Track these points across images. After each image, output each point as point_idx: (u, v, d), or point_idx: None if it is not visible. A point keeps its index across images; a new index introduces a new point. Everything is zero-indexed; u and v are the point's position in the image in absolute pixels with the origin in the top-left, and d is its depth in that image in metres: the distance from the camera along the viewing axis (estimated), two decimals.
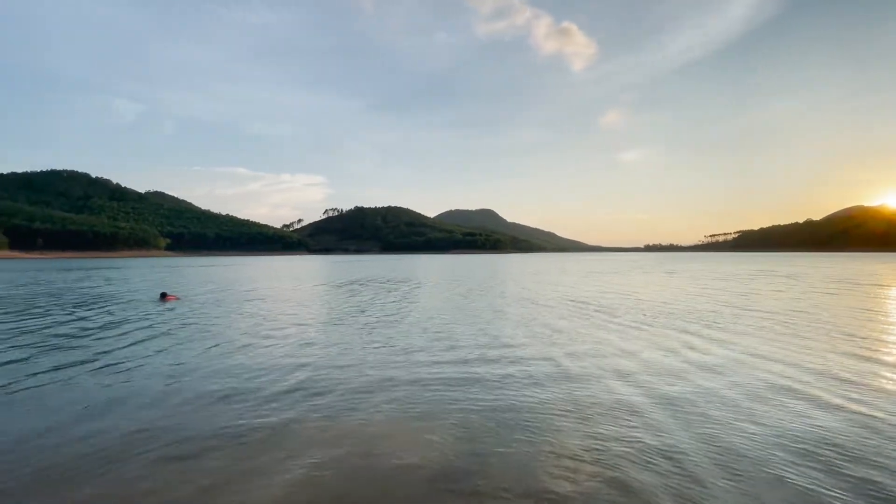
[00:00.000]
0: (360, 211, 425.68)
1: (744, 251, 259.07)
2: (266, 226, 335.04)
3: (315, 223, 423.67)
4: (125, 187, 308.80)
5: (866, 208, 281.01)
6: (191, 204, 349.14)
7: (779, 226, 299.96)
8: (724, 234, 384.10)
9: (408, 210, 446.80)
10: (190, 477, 4.00)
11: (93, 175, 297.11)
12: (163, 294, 19.24)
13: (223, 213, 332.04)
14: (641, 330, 10.98)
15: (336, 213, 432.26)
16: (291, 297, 19.70)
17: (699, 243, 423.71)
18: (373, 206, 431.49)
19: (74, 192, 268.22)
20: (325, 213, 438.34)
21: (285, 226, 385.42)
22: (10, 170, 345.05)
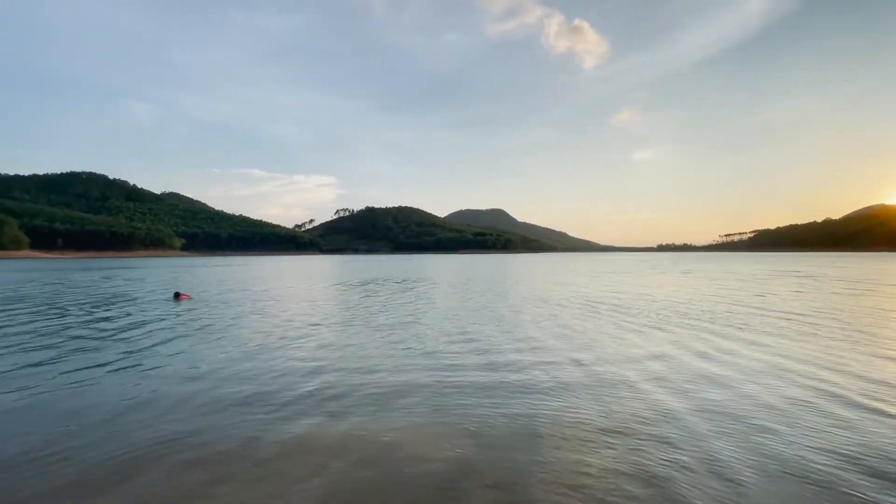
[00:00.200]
0: (370, 211, 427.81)
1: (760, 251, 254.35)
2: (278, 226, 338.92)
3: (326, 223, 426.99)
4: (141, 188, 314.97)
5: (888, 206, 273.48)
6: (205, 205, 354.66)
7: (796, 225, 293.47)
8: (740, 234, 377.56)
9: (418, 210, 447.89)
10: (209, 485, 3.95)
11: (110, 177, 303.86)
12: (176, 294, 19.46)
13: (237, 213, 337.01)
14: (665, 331, 10.71)
15: (347, 213, 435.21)
16: (306, 298, 19.71)
17: (713, 243, 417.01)
18: (383, 206, 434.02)
19: (93, 193, 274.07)
20: (336, 213, 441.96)
21: (297, 226, 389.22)
22: (32, 171, 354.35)
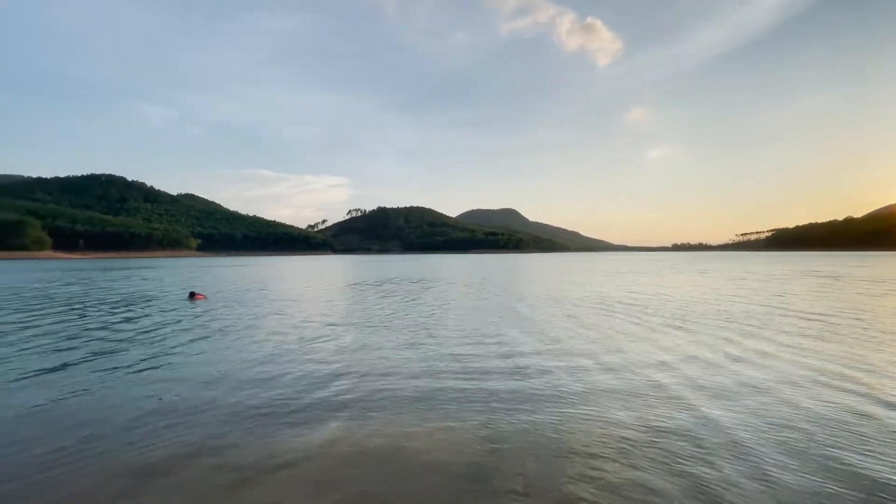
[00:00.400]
0: (382, 211, 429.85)
1: (778, 250, 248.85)
2: (291, 226, 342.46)
3: (339, 223, 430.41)
4: (158, 190, 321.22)
5: None
6: (220, 205, 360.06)
7: (816, 223, 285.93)
8: (757, 233, 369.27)
9: (429, 210, 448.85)
10: (231, 491, 3.92)
11: (128, 178, 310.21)
12: (191, 293, 19.64)
13: (250, 214, 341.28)
14: (688, 332, 10.45)
15: (359, 213, 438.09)
16: (322, 298, 19.71)
17: (730, 242, 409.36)
18: (395, 206, 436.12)
19: (112, 194, 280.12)
20: (348, 213, 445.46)
21: (310, 226, 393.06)
22: (54, 174, 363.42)
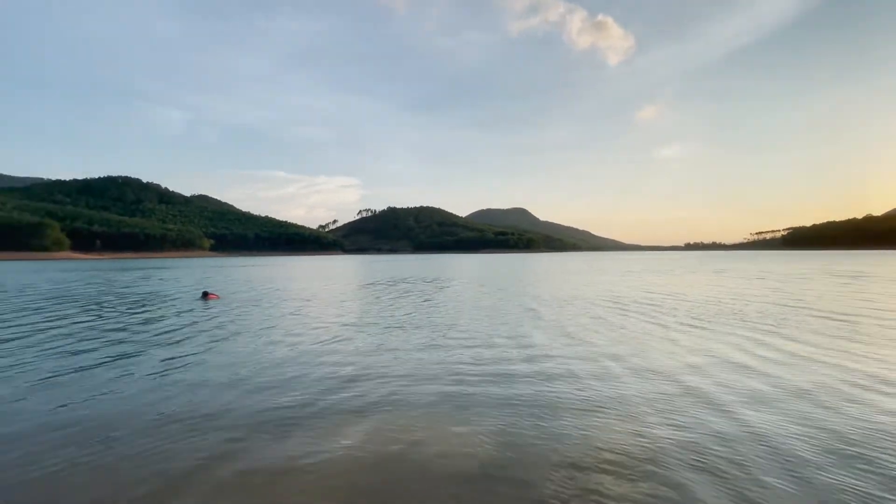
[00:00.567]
0: (392, 211, 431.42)
1: (795, 249, 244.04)
2: (303, 227, 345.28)
3: (350, 224, 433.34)
4: (172, 191, 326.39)
5: None
6: (232, 206, 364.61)
7: (833, 222, 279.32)
8: (772, 232, 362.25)
9: (439, 210, 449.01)
10: (250, 496, 3.93)
11: (144, 180, 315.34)
12: (204, 293, 19.80)
13: (262, 214, 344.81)
14: (709, 331, 10.30)
15: (370, 213, 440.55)
16: (336, 298, 19.74)
17: (744, 241, 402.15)
18: (405, 206, 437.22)
19: (128, 196, 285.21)
20: (358, 213, 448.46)
21: (321, 226, 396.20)
22: (72, 176, 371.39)
